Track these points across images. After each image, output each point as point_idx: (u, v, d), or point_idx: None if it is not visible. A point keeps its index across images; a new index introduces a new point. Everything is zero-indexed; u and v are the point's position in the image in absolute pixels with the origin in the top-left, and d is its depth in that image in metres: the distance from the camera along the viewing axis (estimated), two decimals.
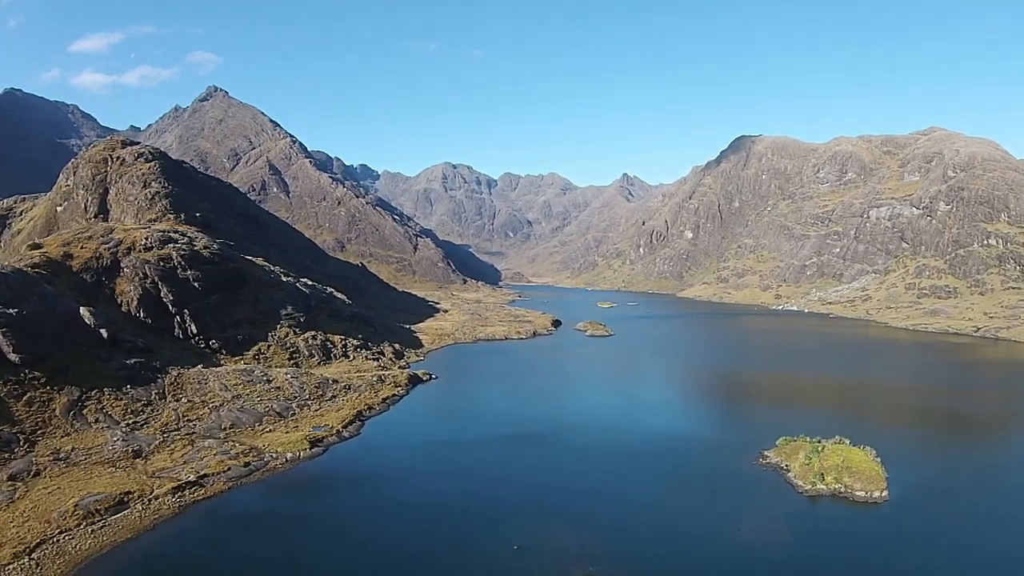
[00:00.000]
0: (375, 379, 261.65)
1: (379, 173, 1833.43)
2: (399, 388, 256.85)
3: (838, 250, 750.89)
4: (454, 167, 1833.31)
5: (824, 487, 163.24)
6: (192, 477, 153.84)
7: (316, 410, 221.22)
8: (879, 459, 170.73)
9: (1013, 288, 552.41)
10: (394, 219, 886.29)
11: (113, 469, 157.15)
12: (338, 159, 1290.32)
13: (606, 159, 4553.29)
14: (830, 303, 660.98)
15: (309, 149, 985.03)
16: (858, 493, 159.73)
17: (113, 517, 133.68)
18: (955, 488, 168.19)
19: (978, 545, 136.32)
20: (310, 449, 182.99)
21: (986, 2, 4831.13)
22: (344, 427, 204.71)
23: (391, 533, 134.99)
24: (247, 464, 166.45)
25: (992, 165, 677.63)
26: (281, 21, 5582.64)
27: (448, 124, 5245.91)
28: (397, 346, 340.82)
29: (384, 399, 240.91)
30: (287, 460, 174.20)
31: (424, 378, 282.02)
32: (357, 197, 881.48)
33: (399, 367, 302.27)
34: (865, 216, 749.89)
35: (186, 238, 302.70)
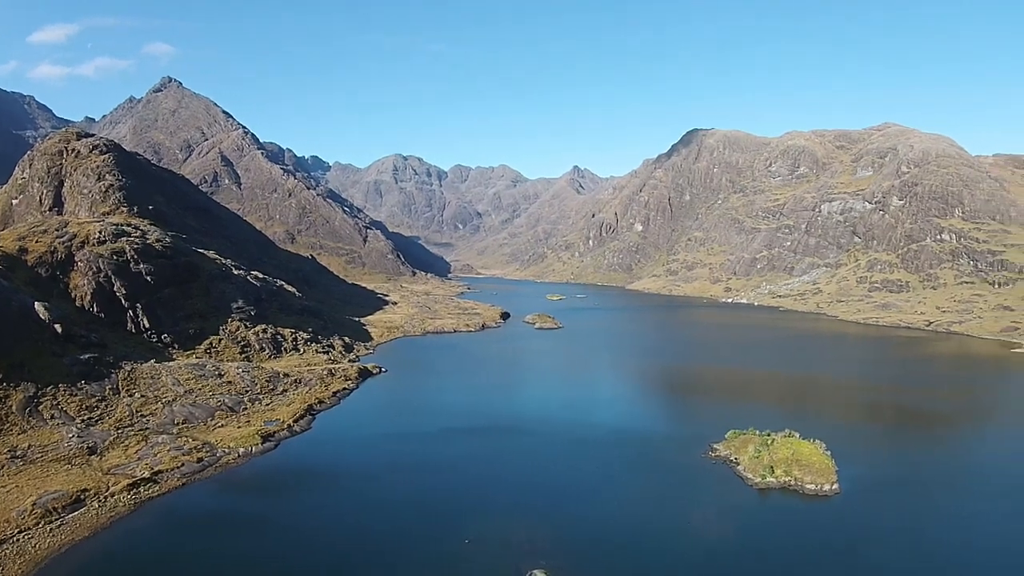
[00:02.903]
0: (325, 373, 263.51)
1: (330, 165, 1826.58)
2: (349, 382, 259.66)
3: (789, 244, 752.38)
4: (405, 159, 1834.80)
5: (774, 480, 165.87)
6: (146, 474, 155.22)
7: (267, 404, 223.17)
8: (829, 453, 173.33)
9: (967, 283, 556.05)
10: (344, 211, 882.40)
11: (69, 466, 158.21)
12: (290, 151, 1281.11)
13: (557, 152, 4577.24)
14: (780, 296, 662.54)
15: (261, 140, 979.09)
16: (808, 486, 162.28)
17: (71, 515, 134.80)
18: (905, 482, 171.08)
19: (927, 537, 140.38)
20: (262, 444, 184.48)
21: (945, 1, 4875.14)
22: (295, 421, 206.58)
23: (343, 529, 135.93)
24: (200, 460, 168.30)
25: (947, 161, 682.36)
26: (237, 12, 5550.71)
27: (400, 116, 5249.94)
28: (347, 339, 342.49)
29: (334, 393, 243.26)
30: (239, 455, 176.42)
31: (374, 371, 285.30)
32: (308, 189, 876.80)
33: (349, 360, 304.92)
34: (817, 210, 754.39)
35: (139, 231, 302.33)
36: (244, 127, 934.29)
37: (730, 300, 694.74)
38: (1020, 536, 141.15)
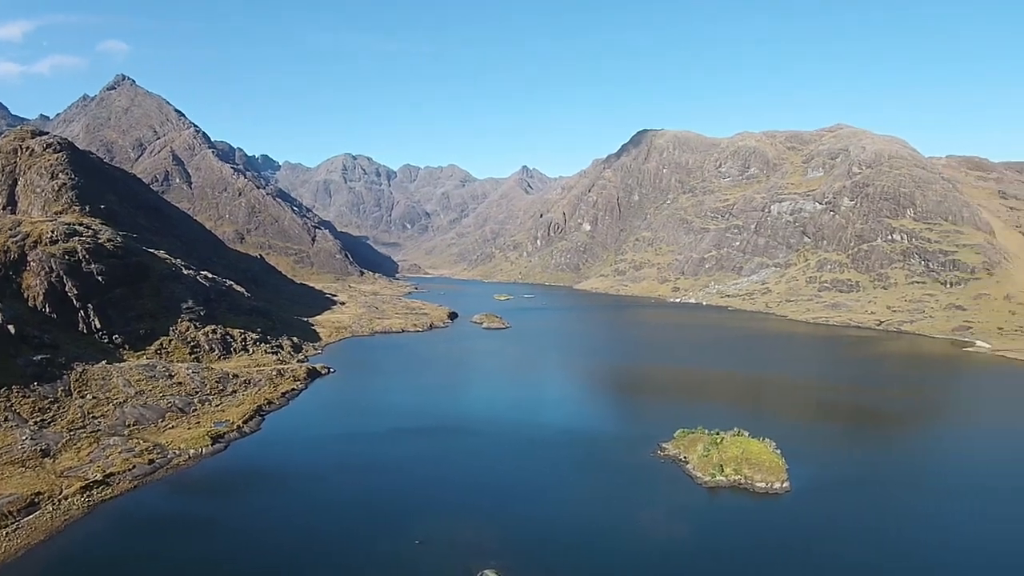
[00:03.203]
0: (274, 373, 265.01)
1: (280, 164, 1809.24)
2: (298, 382, 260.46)
3: (738, 243, 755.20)
4: (354, 158, 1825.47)
5: (723, 478, 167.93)
6: (99, 476, 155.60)
7: (217, 405, 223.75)
8: (779, 451, 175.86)
9: (918, 283, 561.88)
10: (293, 210, 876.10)
11: (23, 469, 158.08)
12: (240, 150, 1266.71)
13: (507, 152, 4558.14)
14: (729, 296, 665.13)
15: (212, 139, 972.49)
16: (759, 484, 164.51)
17: (26, 519, 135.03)
18: (857, 480, 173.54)
19: (879, 535, 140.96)
20: (212, 445, 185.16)
21: (902, 4, 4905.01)
22: (244, 422, 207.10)
23: (293, 531, 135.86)
24: (151, 462, 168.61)
25: (899, 163, 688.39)
26: (192, 10, 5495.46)
27: (351, 115, 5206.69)
28: (295, 339, 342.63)
29: (283, 393, 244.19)
30: (190, 457, 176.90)
31: (322, 372, 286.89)
32: (258, 188, 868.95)
33: (297, 361, 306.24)
34: (766, 210, 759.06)
35: (91, 231, 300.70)
36: (196, 126, 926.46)
37: (678, 300, 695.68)
38: (970, 533, 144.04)
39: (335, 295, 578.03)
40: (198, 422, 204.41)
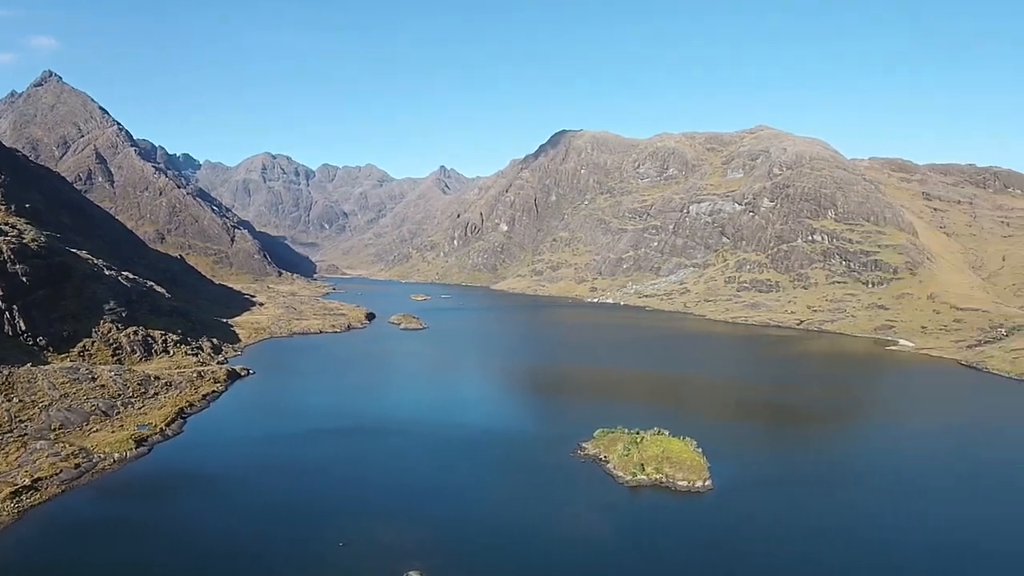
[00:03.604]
0: (195, 375, 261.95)
1: (200, 163, 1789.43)
2: (218, 384, 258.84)
3: (656, 244, 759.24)
4: (274, 158, 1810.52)
5: (645, 477, 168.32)
6: (27, 481, 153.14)
7: (140, 408, 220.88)
8: (700, 450, 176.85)
9: (839, 283, 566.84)
10: (213, 210, 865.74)
11: None
12: (162, 148, 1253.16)
13: (425, 152, 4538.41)
14: (647, 296, 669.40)
15: (135, 138, 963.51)
16: (680, 483, 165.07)
17: None
18: (779, 478, 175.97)
19: (800, 532, 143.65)
20: (136, 449, 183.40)
21: (826, 9, 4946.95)
22: (167, 425, 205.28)
23: (217, 535, 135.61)
24: (77, 466, 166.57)
25: (820, 164, 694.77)
26: (119, 7, 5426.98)
27: (272, 114, 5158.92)
28: (215, 341, 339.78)
29: (204, 396, 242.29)
30: (115, 461, 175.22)
31: (242, 373, 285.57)
32: (178, 187, 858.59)
33: (217, 362, 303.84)
34: (685, 211, 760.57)
35: (16, 231, 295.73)
36: (119, 124, 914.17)
37: (596, 300, 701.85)
38: (892, 529, 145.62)
39: (254, 296, 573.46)
40: (122, 425, 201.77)
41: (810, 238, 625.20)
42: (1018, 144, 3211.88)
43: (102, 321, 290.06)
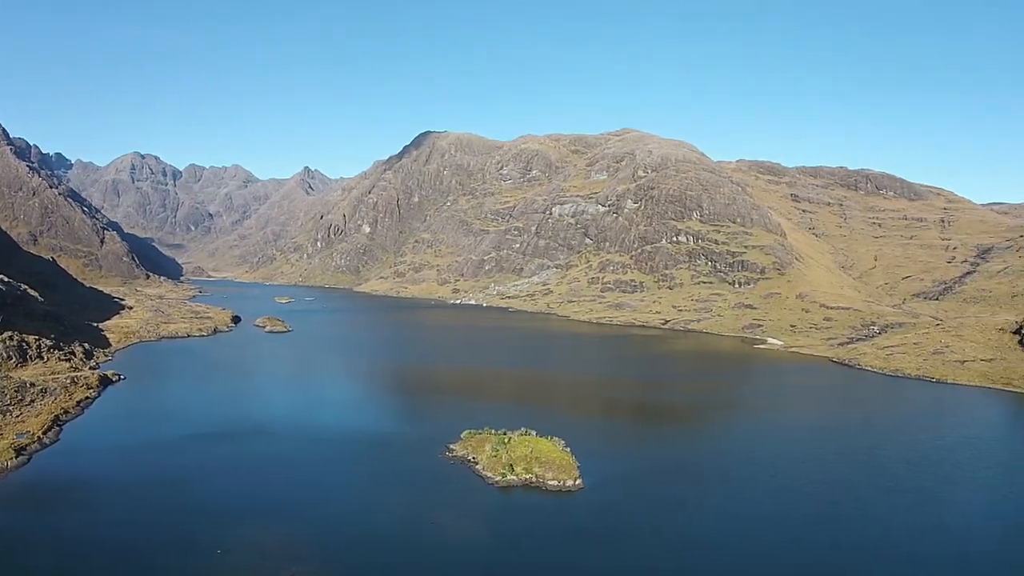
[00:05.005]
0: (68, 381, 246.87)
1: (72, 162, 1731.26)
2: (91, 390, 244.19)
3: (518, 245, 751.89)
4: (143, 157, 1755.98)
5: (515, 478, 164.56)
6: None
7: (17, 416, 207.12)
8: (569, 449, 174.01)
9: (705, 283, 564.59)
10: (84, 211, 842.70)
11: None
12: (36, 147, 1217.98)
13: (290, 152, 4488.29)
14: (509, 297, 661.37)
15: (11, 136, 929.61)
16: (551, 482, 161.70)
17: None
18: (649, 474, 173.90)
19: (672, 527, 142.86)
20: (16, 458, 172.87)
21: (697, 10, 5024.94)
22: (44, 433, 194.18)
23: (98, 545, 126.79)
24: None
25: (686, 166, 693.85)
26: None
27: (142, 112, 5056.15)
28: (87, 346, 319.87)
29: (78, 402, 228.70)
30: None
31: (114, 379, 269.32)
32: (51, 188, 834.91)
33: (90, 368, 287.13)
34: (548, 213, 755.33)
35: None
36: None
37: (458, 301, 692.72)
38: (755, 519, 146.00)
39: (123, 299, 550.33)
40: (1, 434, 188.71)
41: (675, 239, 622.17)
42: (889, 147, 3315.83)
43: None
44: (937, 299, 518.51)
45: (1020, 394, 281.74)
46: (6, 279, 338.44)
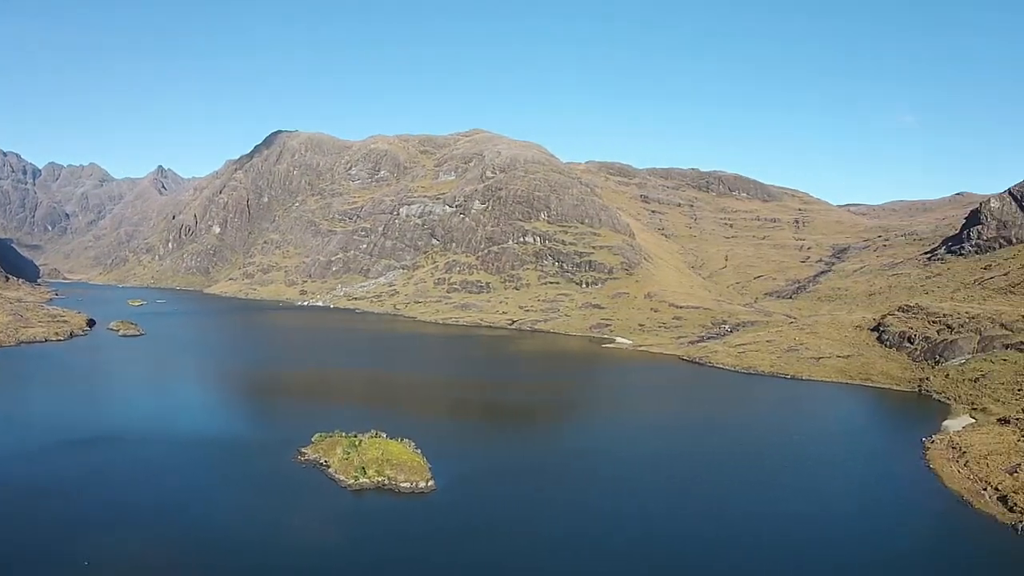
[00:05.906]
0: None
1: None
2: None
3: (365, 246, 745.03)
4: (4, 155, 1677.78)
5: (367, 480, 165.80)
6: None
7: None
8: (420, 451, 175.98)
9: (552, 283, 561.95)
10: None
11: None
12: None
13: (145, 150, 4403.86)
14: (356, 298, 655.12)
15: None
16: (403, 484, 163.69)
17: None
18: (499, 474, 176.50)
19: (522, 526, 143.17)
20: None
21: (557, 11, 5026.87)
22: None
23: None
24: None
25: (535, 167, 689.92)
26: None
27: (8, 106, 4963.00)
28: None
29: None
30: None
31: None
32: None
33: None
34: (395, 213, 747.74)
35: None
36: None
37: (306, 303, 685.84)
38: (610, 515, 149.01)
39: None
40: None
41: (522, 239, 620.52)
42: (744, 150, 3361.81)
43: None
44: (790, 298, 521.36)
45: (880, 389, 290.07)
46: None
